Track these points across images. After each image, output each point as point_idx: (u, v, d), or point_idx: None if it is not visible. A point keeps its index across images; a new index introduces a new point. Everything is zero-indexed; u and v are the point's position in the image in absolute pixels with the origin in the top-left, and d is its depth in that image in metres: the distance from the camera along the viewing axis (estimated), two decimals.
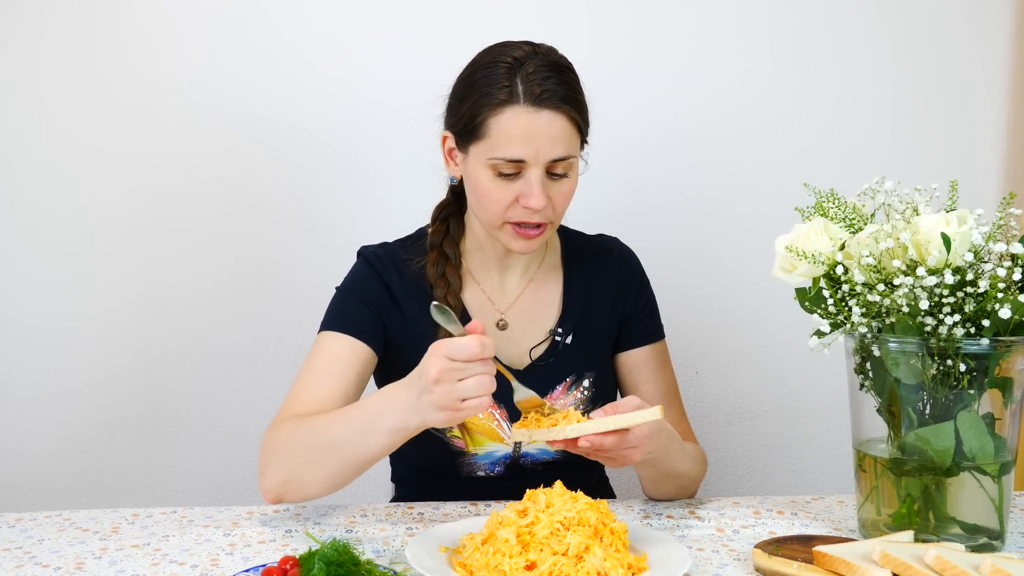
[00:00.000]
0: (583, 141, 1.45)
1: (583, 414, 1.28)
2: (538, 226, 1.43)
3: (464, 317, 1.51)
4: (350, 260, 1.57)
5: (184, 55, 1.99)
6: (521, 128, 1.37)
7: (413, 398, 1.21)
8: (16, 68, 1.95)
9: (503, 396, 1.50)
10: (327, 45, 2.01)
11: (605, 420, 1.24)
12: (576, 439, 1.25)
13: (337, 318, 1.49)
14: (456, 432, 1.48)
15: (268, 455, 1.35)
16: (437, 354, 1.17)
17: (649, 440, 1.29)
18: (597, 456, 1.28)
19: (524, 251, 1.45)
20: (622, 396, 1.62)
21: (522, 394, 1.33)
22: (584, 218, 1.70)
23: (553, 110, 1.37)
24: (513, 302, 1.56)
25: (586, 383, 1.53)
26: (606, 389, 1.56)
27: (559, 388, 1.52)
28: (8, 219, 1.97)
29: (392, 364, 1.52)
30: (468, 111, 1.41)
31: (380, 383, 1.57)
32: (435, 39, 2.01)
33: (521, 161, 1.38)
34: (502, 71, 1.39)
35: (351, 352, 1.45)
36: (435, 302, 1.22)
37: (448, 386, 1.17)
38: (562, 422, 1.27)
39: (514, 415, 1.49)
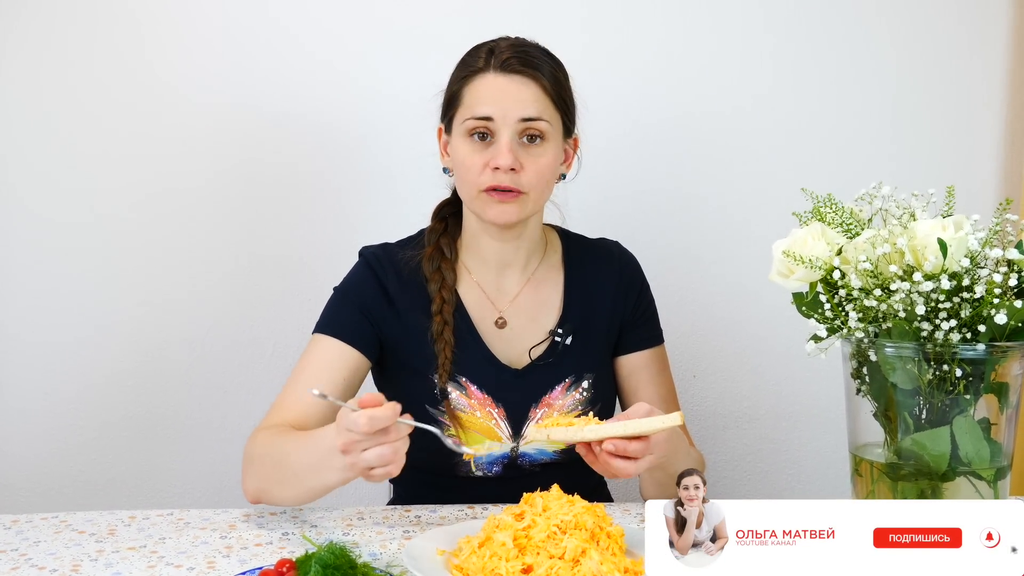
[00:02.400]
0: (565, 123, 1.49)
1: (580, 415, 1.28)
2: (509, 191, 1.43)
3: (462, 314, 1.52)
4: (349, 262, 1.57)
5: (183, 55, 1.98)
6: (490, 89, 1.44)
7: None
8: (15, 73, 1.95)
9: (503, 394, 1.50)
10: (334, 44, 2.01)
11: (625, 424, 1.24)
12: (595, 446, 1.25)
13: (330, 321, 1.50)
14: (452, 431, 1.48)
15: (245, 462, 1.39)
16: (340, 425, 1.17)
17: (666, 443, 1.29)
18: (613, 462, 1.26)
19: (497, 219, 1.46)
20: (620, 400, 1.63)
21: (457, 452, 1.39)
22: (582, 220, 1.70)
23: (522, 75, 1.44)
24: (512, 301, 1.56)
25: (585, 384, 1.53)
26: (605, 392, 1.56)
27: (558, 388, 1.52)
28: (7, 220, 1.97)
29: (390, 363, 1.53)
30: (448, 89, 1.49)
31: (378, 381, 1.59)
32: (448, 37, 1.99)
33: (489, 119, 1.43)
34: (482, 52, 1.47)
35: (339, 358, 1.46)
36: (314, 390, 1.23)
37: (353, 457, 1.17)
38: (578, 423, 1.27)
39: (512, 414, 1.49)
